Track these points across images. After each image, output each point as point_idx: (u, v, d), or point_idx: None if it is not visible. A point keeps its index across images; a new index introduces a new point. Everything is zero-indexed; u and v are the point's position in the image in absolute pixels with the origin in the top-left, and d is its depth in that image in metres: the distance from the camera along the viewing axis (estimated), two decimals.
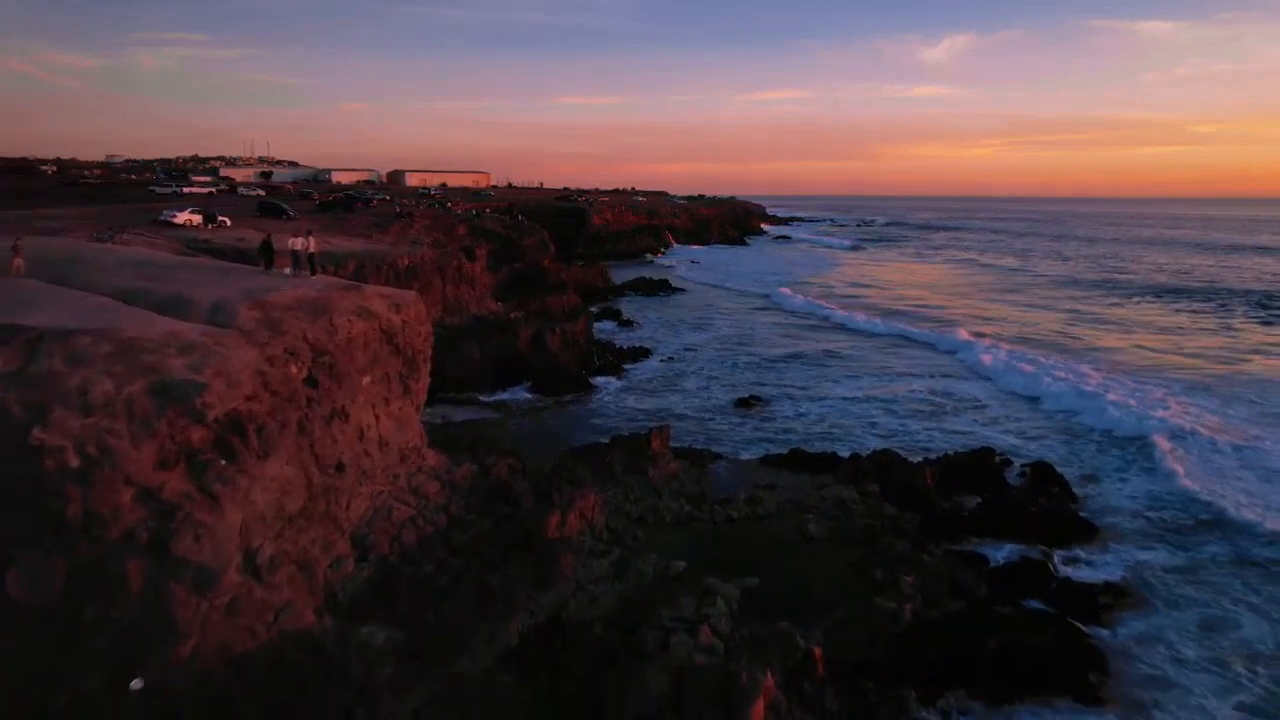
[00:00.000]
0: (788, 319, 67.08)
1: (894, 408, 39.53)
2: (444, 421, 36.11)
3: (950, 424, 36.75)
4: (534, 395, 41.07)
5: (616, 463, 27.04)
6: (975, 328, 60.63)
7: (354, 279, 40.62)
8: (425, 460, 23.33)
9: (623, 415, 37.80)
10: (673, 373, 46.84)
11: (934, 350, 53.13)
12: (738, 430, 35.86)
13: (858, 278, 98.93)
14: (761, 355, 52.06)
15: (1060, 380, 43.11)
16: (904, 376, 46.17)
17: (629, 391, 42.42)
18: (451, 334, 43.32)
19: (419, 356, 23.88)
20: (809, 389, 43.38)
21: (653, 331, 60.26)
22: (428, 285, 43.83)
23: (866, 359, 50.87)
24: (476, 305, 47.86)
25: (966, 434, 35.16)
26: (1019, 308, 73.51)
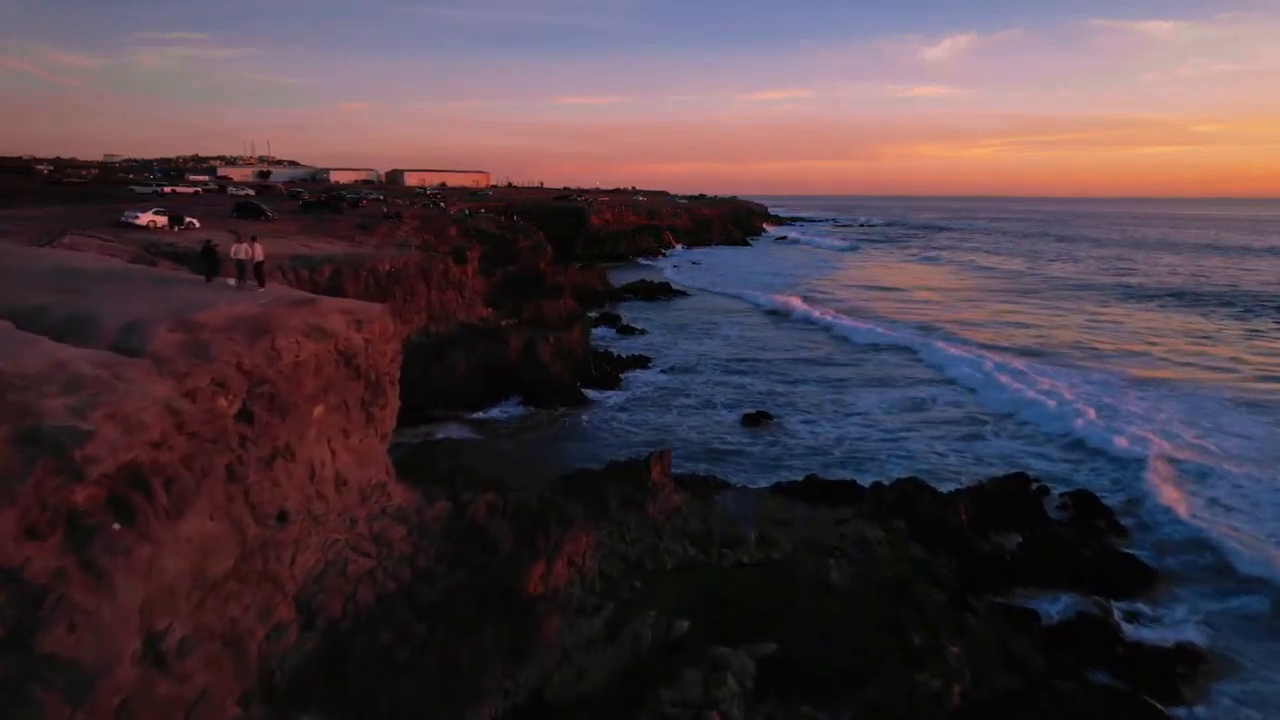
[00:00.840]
0: (796, 326, 64.08)
1: (914, 424, 36.59)
2: (423, 441, 33.20)
3: (978, 445, 33.81)
4: (525, 409, 38.12)
5: (611, 496, 24.05)
6: (993, 337, 57.68)
7: (330, 286, 37.78)
8: (391, 499, 20.34)
9: (620, 434, 34.85)
10: (674, 384, 43.88)
11: (954, 363, 49.94)
12: (746, 452, 32.91)
13: (865, 281, 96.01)
14: (769, 365, 49.14)
15: (1084, 397, 40.18)
16: (922, 390, 43.17)
17: (627, 406, 39.46)
18: (437, 343, 40.40)
19: (384, 379, 20.88)
20: (822, 404, 40.45)
21: (653, 338, 57.30)
22: (411, 291, 40.94)
23: (881, 371, 47.87)
24: (465, 312, 44.88)
25: (996, 456, 32.19)
26: (1034, 313, 70.50)
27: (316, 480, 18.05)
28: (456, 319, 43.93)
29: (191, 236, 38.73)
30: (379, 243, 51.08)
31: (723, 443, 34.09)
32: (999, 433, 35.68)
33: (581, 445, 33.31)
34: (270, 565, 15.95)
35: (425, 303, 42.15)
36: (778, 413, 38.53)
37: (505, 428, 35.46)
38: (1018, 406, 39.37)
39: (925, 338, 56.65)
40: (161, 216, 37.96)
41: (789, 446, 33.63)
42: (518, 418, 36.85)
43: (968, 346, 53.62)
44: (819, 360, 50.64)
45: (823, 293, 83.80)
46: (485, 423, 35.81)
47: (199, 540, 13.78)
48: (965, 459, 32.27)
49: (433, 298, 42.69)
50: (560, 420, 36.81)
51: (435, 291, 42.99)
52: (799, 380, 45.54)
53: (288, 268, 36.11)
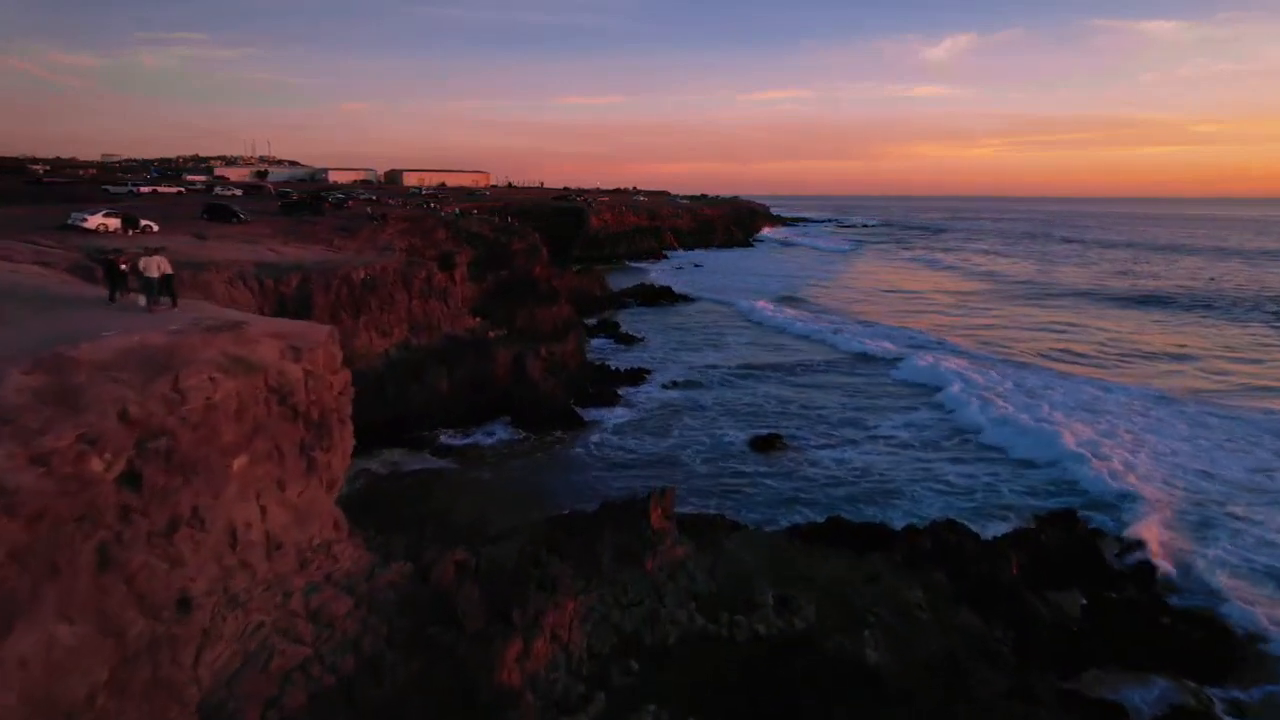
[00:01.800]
0: (806, 336, 59.93)
1: (944, 451, 33.09)
2: (393, 472, 29.77)
3: (1018, 474, 30.27)
4: (512, 433, 34.69)
5: (604, 549, 20.57)
6: (1018, 350, 54.22)
7: (298, 296, 34.36)
8: (337, 563, 16.90)
9: (617, 462, 31.42)
10: (677, 401, 40.43)
11: (984, 381, 45.87)
12: (758, 483, 29.47)
13: (876, 286, 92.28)
14: (779, 380, 45.67)
15: (1129, 421, 36.80)
16: (945, 410, 39.65)
17: (625, 428, 36.00)
18: (418, 358, 36.99)
19: (331, 417, 17.44)
20: (839, 424, 36.98)
21: (654, 349, 53.85)
22: (389, 301, 37.53)
23: (902, 389, 43.95)
24: (450, 322, 41.43)
25: (1038, 487, 28.73)
26: (1056, 322, 66.96)
27: (240, 548, 14.61)
28: (440, 330, 40.48)
29: (147, 241, 35.39)
30: (359, 247, 47.68)
31: (732, 472, 30.65)
32: (1033, 463, 32.21)
33: (573, 476, 29.87)
34: (164, 670, 12.53)
35: (405, 313, 38.71)
36: (791, 435, 35.10)
37: (489, 454, 32.04)
38: (1047, 436, 35.98)
39: (946, 353, 52.49)
40: (113, 219, 34.57)
41: (805, 476, 30.19)
42: (504, 443, 33.41)
43: (993, 365, 49.89)
44: (833, 375, 47.09)
45: (833, 300, 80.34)
46: (467, 449, 32.38)
47: (43, 657, 10.39)
48: (1005, 488, 28.83)
49: (414, 307, 39.24)
50: (551, 446, 33.38)
51: (417, 301, 39.55)
52: (812, 397, 42.09)
53: (250, 276, 32.69)
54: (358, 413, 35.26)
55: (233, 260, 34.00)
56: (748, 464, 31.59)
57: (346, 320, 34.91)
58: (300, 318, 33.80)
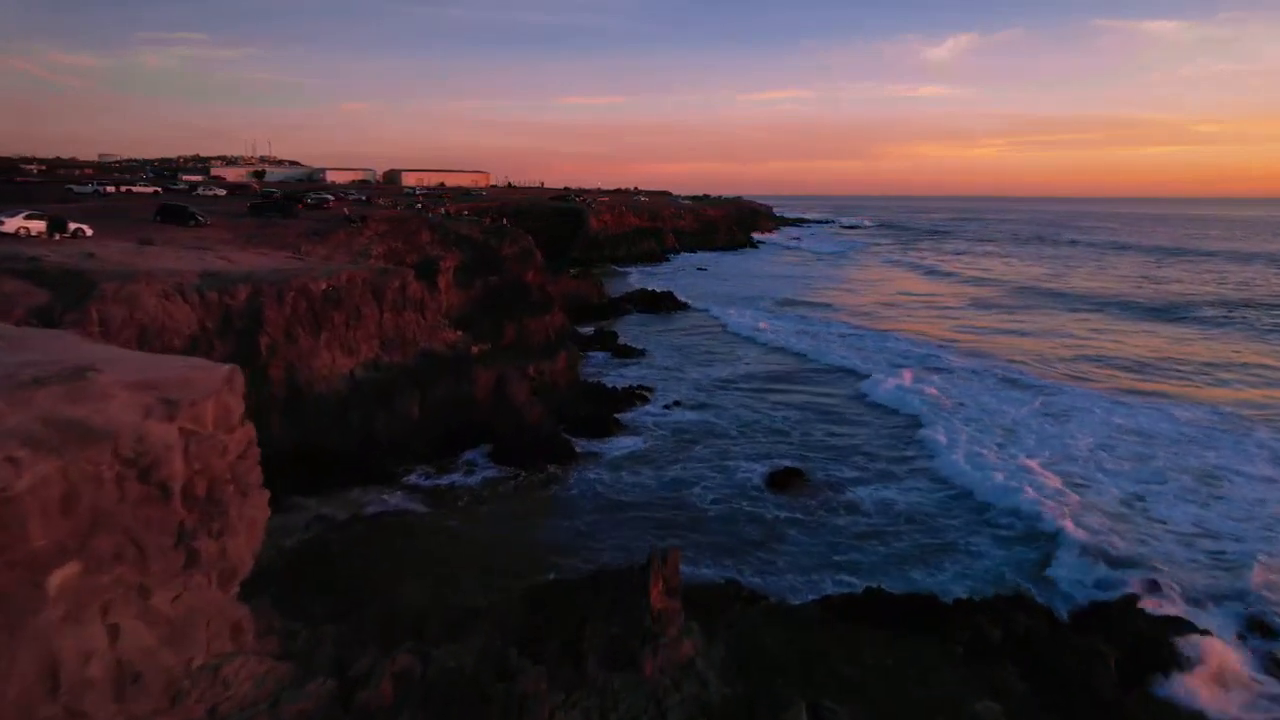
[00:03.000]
0: (825, 348, 54.86)
1: (993, 490, 28.69)
2: (350, 517, 25.47)
3: (1084, 522, 25.89)
4: (493, 468, 30.38)
5: (591, 646, 16.22)
6: (1061, 374, 49.85)
7: (247, 311, 30.07)
8: (228, 690, 12.54)
9: (612, 506, 27.10)
10: (681, 427, 36.06)
11: (1031, 402, 40.86)
12: (779, 533, 25.14)
13: (889, 292, 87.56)
14: (799, 399, 41.22)
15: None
16: (994, 440, 35.20)
17: (624, 461, 31.67)
18: (387, 379, 32.68)
19: (226, 489, 13.11)
20: (873, 457, 32.54)
21: (656, 363, 49.49)
22: (356, 315, 33.22)
23: (935, 414, 38.58)
24: (427, 337, 37.09)
25: (1111, 540, 24.38)
26: (1086, 333, 62.56)
27: (65, 691, 10.35)
28: (416, 346, 36.15)
29: (77, 246, 31.16)
30: (330, 252, 43.44)
31: (747, 517, 26.33)
32: (1083, 500, 27.89)
33: (560, 525, 25.55)
34: None
35: (376, 328, 34.39)
36: (812, 468, 30.79)
37: (464, 496, 27.73)
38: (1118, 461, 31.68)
39: (979, 378, 46.57)
40: (36, 222, 30.38)
41: (834, 525, 25.84)
42: (482, 482, 29.07)
43: (1034, 392, 45.34)
44: (860, 396, 42.53)
45: (847, 308, 75.93)
46: (438, 491, 28.06)
47: None
48: (1072, 542, 24.49)
49: (385, 321, 34.92)
50: (536, 485, 29.05)
51: (389, 313, 35.22)
52: (837, 418, 37.72)
53: (190, 289, 28.40)
54: (317, 443, 30.73)
55: (173, 270, 29.72)
56: (766, 506, 27.26)
57: (304, 338, 30.67)
58: (249, 335, 29.56)
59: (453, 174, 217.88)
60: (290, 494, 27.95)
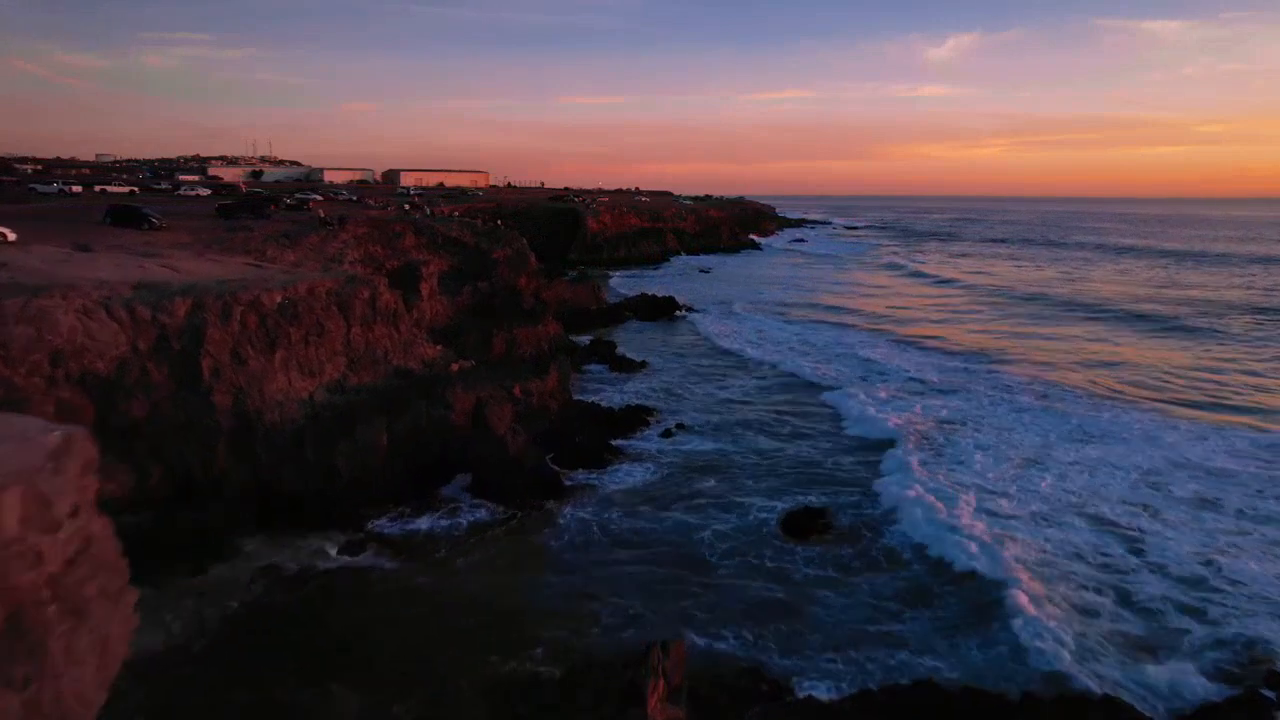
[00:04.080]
0: (841, 361, 50.58)
1: (1051, 533, 24.81)
2: (301, 572, 21.61)
3: (1154, 594, 21.99)
4: (470, 509, 26.49)
5: None
6: (1081, 383, 45.97)
7: (187, 328, 26.20)
8: None
9: (604, 561, 23.18)
10: (685, 456, 32.16)
11: (1061, 425, 36.90)
12: (803, 593, 21.25)
13: (903, 301, 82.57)
14: (818, 423, 37.12)
15: None
16: (1054, 473, 31.23)
17: (620, 499, 27.78)
18: (351, 405, 28.78)
19: (43, 614, 9.19)
20: (891, 496, 28.65)
21: (657, 377, 45.56)
22: (319, 331, 29.35)
23: (974, 441, 34.23)
24: (401, 353, 33.25)
25: (1205, 610, 20.48)
26: (1118, 348, 58.65)
27: None
28: (388, 364, 32.32)
29: None
30: (299, 258, 39.59)
31: (765, 573, 22.43)
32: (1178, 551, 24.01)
33: (544, 587, 21.64)
34: None
35: (342, 344, 30.54)
36: (839, 505, 26.91)
37: (434, 545, 23.84)
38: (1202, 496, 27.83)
39: (1004, 395, 41.92)
40: None
41: (869, 582, 21.95)
42: (459, 528, 25.18)
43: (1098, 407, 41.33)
44: (885, 422, 38.37)
45: (859, 313, 72.00)
46: (409, 539, 24.18)
47: None
48: (1162, 599, 20.65)
49: (353, 337, 31.06)
50: (520, 530, 25.15)
51: (358, 328, 31.36)
52: (854, 447, 33.82)
53: (118, 303, 24.52)
54: (269, 480, 26.63)
55: (102, 281, 25.83)
56: (785, 558, 23.35)
57: (255, 359, 26.78)
58: (190, 357, 25.71)
59: (452, 174, 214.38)
60: (237, 537, 24.24)
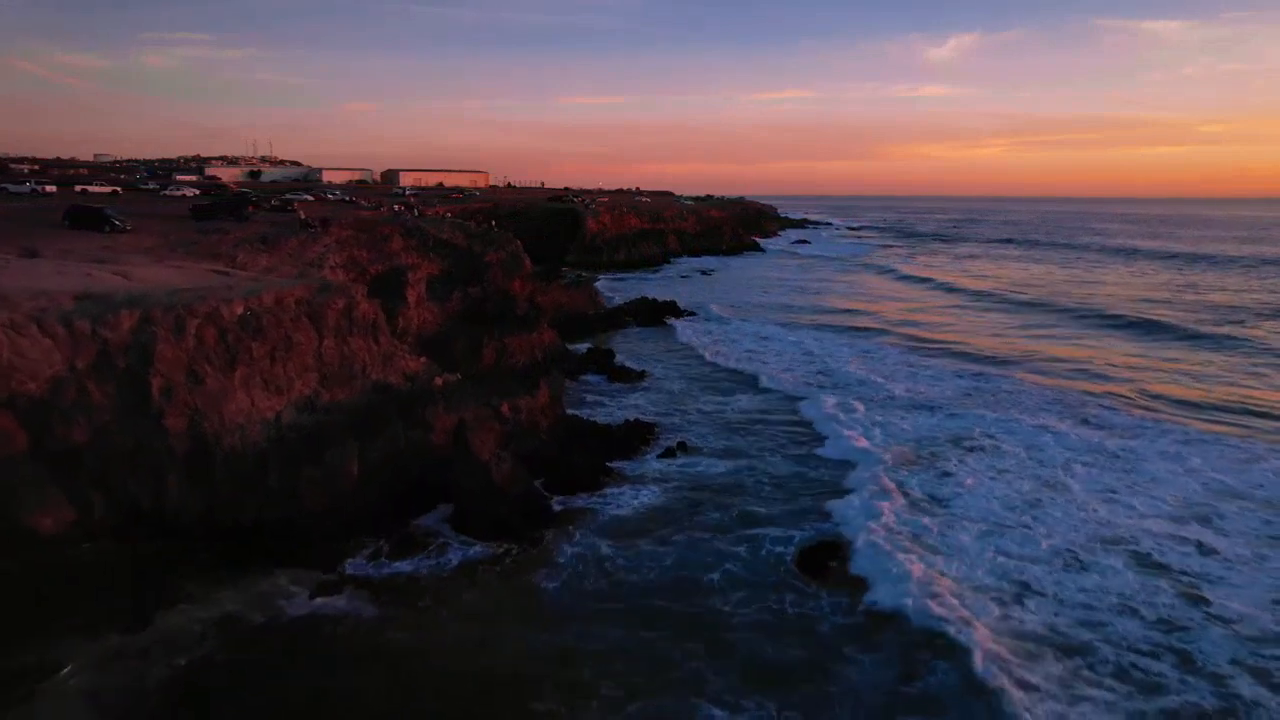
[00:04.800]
0: (856, 373, 47.13)
1: (1088, 582, 22.10)
2: (266, 622, 18.94)
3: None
4: (452, 546, 23.78)
5: None
6: (1110, 395, 43.23)
7: (133, 345, 23.41)
8: None
9: (600, 612, 20.43)
10: (690, 481, 29.36)
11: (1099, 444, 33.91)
12: (828, 650, 18.53)
13: (915, 305, 79.25)
14: (829, 453, 33.89)
15: None
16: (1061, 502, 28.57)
17: (617, 531, 25.06)
18: (321, 427, 26.09)
19: None
20: (924, 529, 25.86)
21: (658, 389, 42.79)
22: (286, 345, 26.66)
23: (1009, 461, 31.35)
24: (381, 367, 30.55)
25: None
26: (1144, 358, 55.80)
27: None
28: (366, 379, 29.62)
29: None
30: (274, 264, 36.90)
31: (783, 625, 19.68)
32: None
33: (534, 644, 18.87)
34: None
35: (314, 359, 27.84)
36: (854, 537, 24.19)
37: (417, 589, 21.13)
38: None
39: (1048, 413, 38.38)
40: None
41: (891, 632, 19.25)
42: (442, 567, 22.48)
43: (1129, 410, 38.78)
44: (911, 427, 35.65)
45: (874, 317, 69.19)
46: (385, 582, 21.48)
47: None
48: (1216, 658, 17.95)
49: (326, 350, 28.36)
50: (507, 574, 22.41)
51: (331, 340, 28.67)
52: (874, 472, 31.08)
53: (53, 318, 21.88)
54: (228, 512, 23.96)
55: (41, 290, 23.20)
56: (807, 604, 20.62)
57: (213, 377, 24.08)
58: (137, 376, 23.04)
59: (451, 174, 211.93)
60: (190, 578, 21.59)
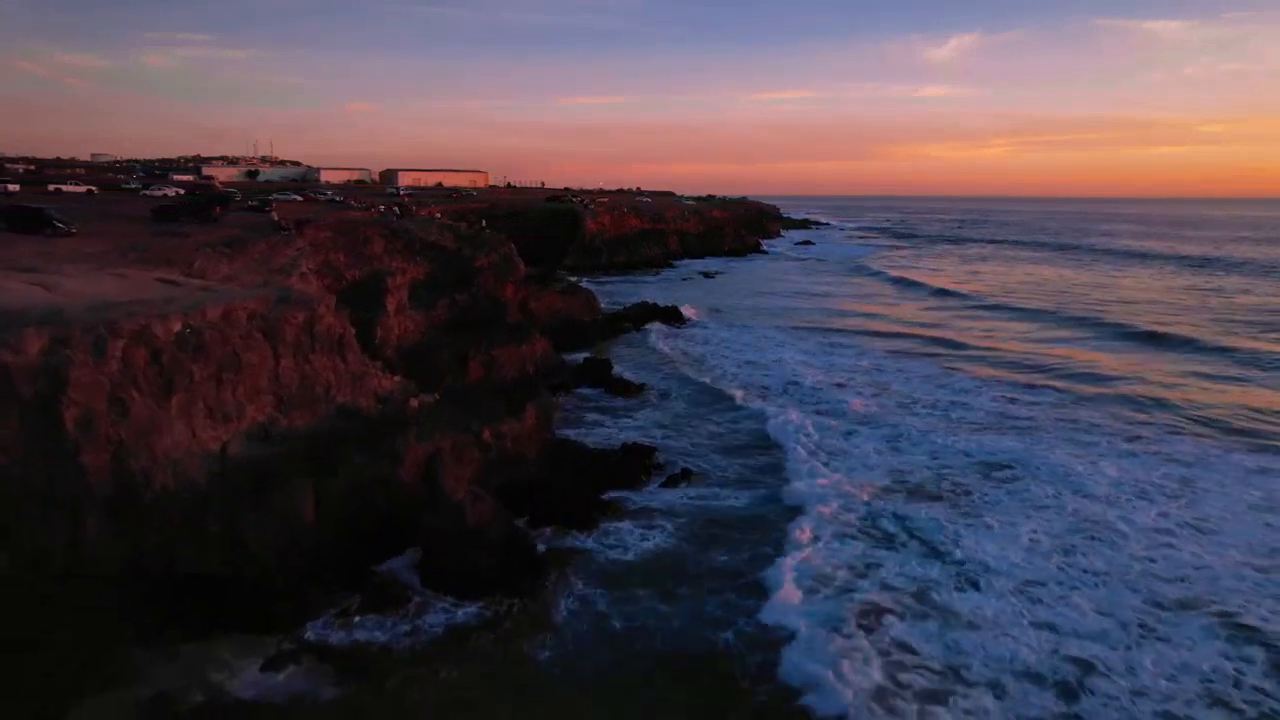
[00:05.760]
0: (860, 387, 42.87)
1: (1168, 653, 18.70)
2: (206, 703, 15.58)
3: None
4: (428, 599, 20.42)
5: None
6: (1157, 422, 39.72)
7: (42, 371, 20.10)
8: None
9: (598, 695, 17.05)
10: (694, 517, 25.92)
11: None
12: None
13: (933, 315, 74.06)
14: (855, 476, 30.33)
15: None
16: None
17: (615, 578, 21.70)
18: (275, 460, 22.74)
19: None
20: (980, 580, 22.38)
21: (660, 405, 39.34)
22: (234, 364, 23.27)
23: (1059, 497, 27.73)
24: (350, 387, 27.20)
25: None
26: (1183, 377, 52.11)
27: None
28: (331, 402, 26.29)
29: None
30: (237, 271, 33.45)
31: (815, 711, 16.33)
32: None
33: None
34: None
35: (269, 380, 24.49)
36: (903, 599, 20.78)
37: (387, 662, 17.75)
38: None
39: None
40: None
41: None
42: (415, 633, 19.08)
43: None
44: (942, 474, 31.82)
45: (885, 330, 65.33)
46: (351, 652, 18.11)
47: None
48: None
49: (284, 371, 25.00)
50: (490, 642, 18.98)
51: (290, 359, 25.31)
52: (912, 515, 27.40)
53: None
54: (160, 564, 20.98)
55: None
56: (842, 682, 17.24)
57: (142, 405, 20.67)
58: (47, 407, 19.67)
59: (451, 174, 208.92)
60: (114, 651, 18.19)
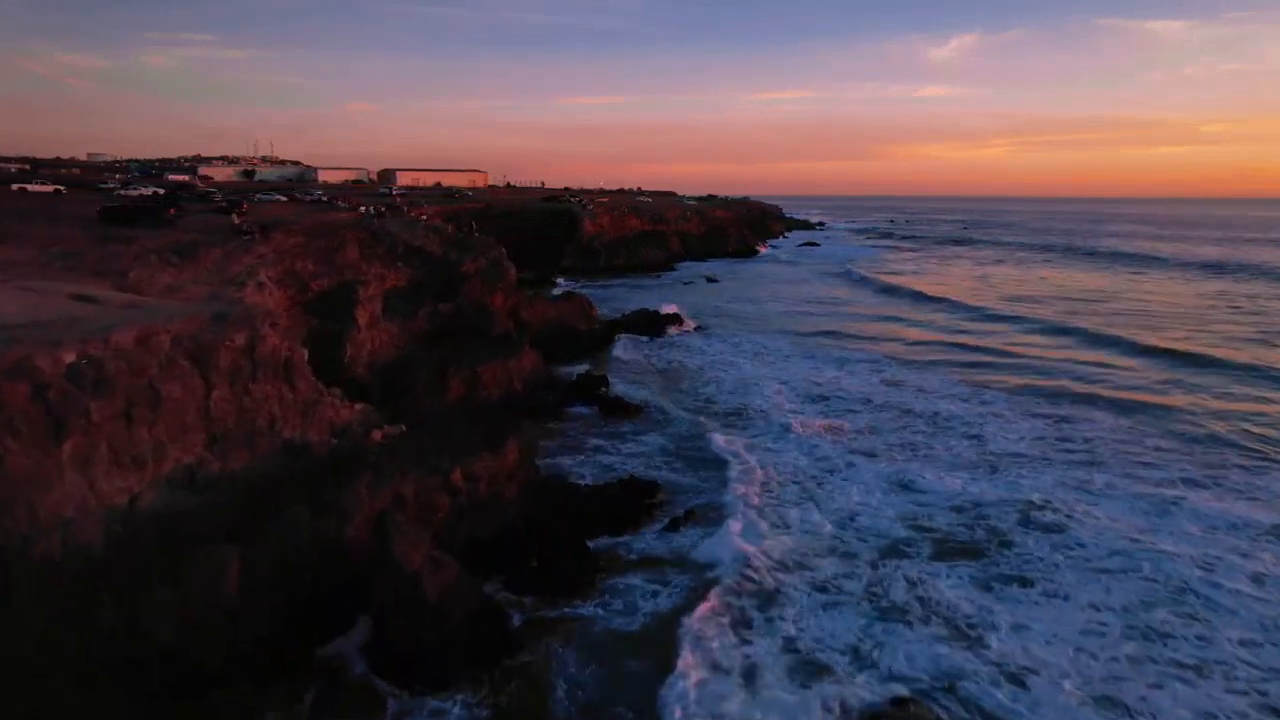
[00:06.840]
0: (887, 409, 38.20)
1: None
2: None
3: None
4: (389, 696, 16.55)
5: None
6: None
7: None
8: None
9: None
10: (701, 570, 22.12)
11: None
12: None
13: (956, 329, 68.45)
14: (892, 523, 26.25)
15: None
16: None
17: (609, 653, 17.85)
18: (194, 514, 18.85)
19: None
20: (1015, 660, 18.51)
21: (661, 429, 35.42)
22: (153, 401, 19.36)
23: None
24: (300, 420, 23.32)
25: None
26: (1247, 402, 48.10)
27: None
28: (276, 437, 22.41)
29: None
30: (182, 281, 29.63)
31: None
32: None
33: None
34: None
35: (199, 415, 20.60)
36: (934, 686, 16.94)
37: None
38: None
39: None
40: None
41: None
42: None
43: None
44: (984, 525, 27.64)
45: (903, 343, 61.40)
46: None
47: None
48: None
49: (217, 403, 21.09)
50: None
51: (226, 389, 21.41)
52: (953, 574, 23.55)
53: None
54: (43, 659, 16.75)
55: None
56: None
57: (23, 454, 16.74)
58: None
59: (449, 174, 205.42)
60: None
